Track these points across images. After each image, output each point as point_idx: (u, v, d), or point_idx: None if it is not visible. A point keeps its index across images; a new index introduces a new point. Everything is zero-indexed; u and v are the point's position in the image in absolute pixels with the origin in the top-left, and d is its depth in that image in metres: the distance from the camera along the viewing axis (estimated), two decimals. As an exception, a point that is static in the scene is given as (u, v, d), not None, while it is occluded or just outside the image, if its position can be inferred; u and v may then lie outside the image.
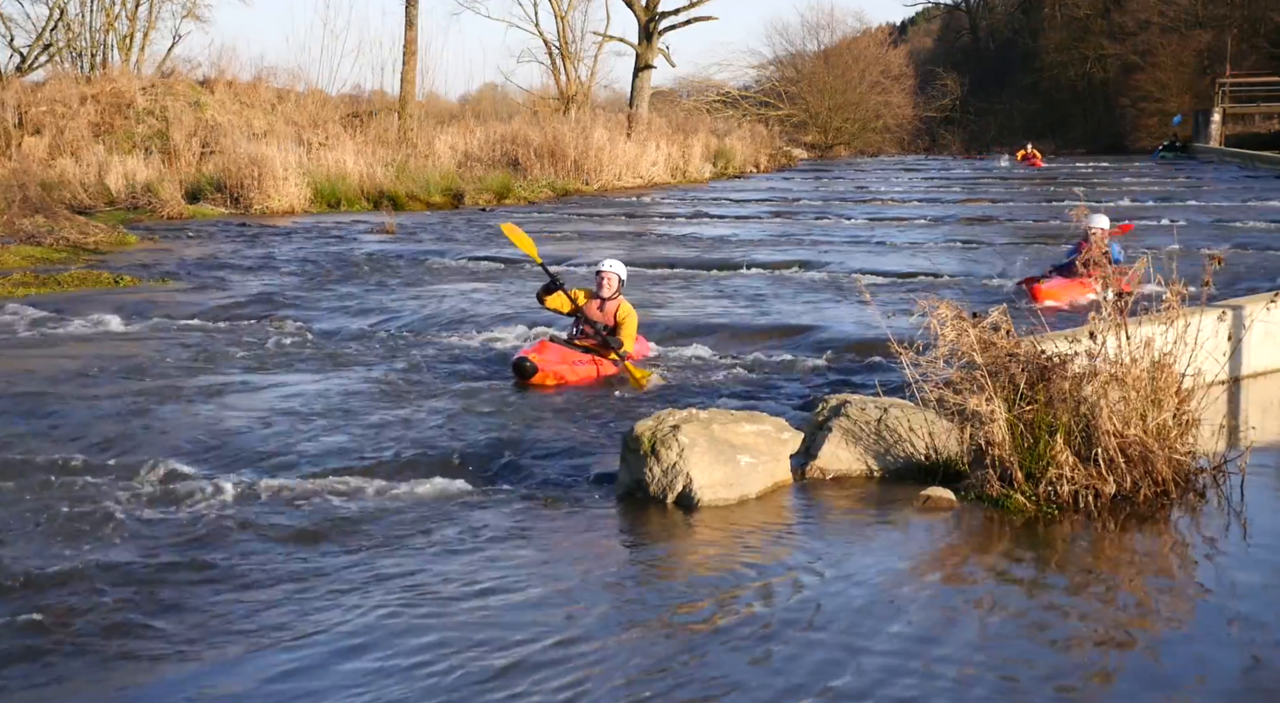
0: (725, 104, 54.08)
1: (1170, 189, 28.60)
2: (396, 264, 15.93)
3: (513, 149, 30.78)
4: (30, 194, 18.66)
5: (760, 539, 5.20)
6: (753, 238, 19.24)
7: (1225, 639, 4.15)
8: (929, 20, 75.93)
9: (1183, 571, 4.92)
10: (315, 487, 5.93)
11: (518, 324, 10.87)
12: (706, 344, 9.85)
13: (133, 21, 34.43)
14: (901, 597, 4.52)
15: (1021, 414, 5.60)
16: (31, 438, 6.94)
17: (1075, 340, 5.97)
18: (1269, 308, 8.23)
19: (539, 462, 6.43)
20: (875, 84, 60.51)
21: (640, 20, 39.11)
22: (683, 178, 35.25)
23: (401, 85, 31.09)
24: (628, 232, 20.75)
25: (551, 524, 5.42)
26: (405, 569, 4.83)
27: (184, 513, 5.55)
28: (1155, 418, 5.58)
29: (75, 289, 13.50)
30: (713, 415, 5.88)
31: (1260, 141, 43.41)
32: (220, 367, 9.15)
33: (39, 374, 8.78)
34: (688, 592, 4.59)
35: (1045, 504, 5.43)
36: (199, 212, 23.06)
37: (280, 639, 4.17)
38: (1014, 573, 4.84)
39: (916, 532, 5.28)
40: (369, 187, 25.52)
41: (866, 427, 6.10)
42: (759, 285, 13.53)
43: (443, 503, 5.72)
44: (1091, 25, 56.79)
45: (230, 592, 4.59)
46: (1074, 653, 4.05)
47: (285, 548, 5.09)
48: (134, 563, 4.86)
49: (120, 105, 28.40)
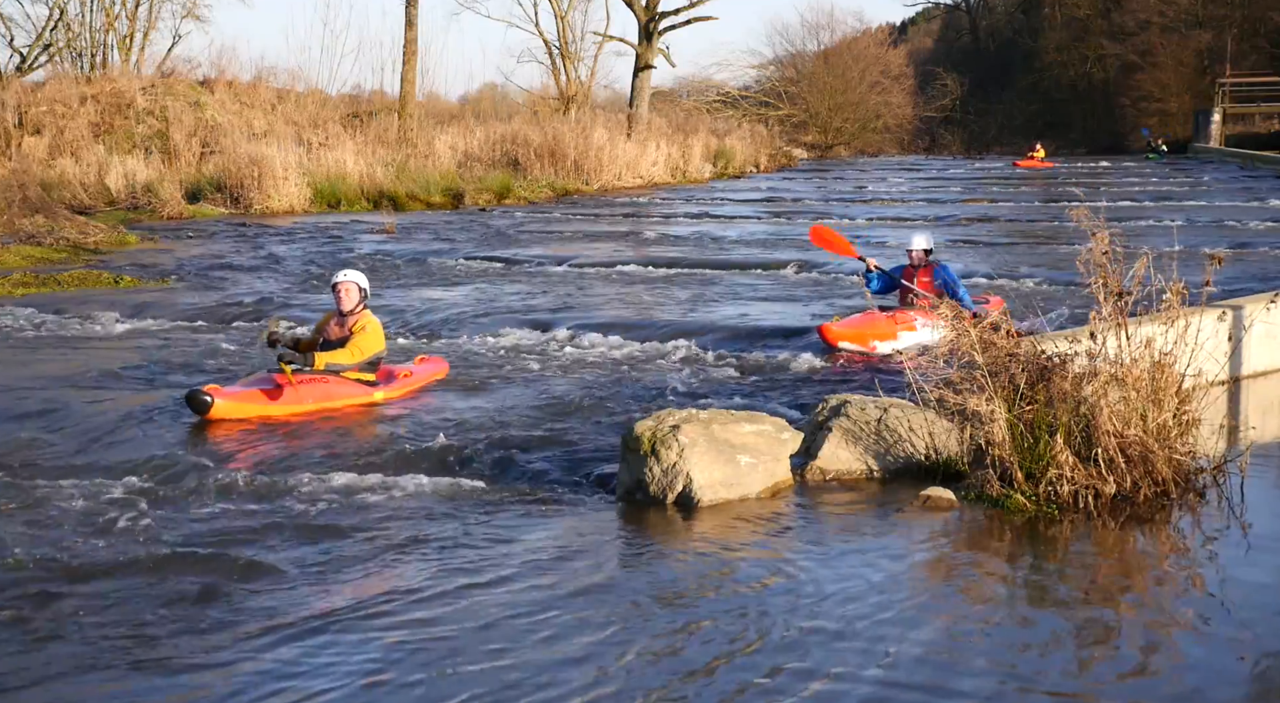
0: (725, 104, 54.05)
1: (1170, 189, 28.60)
2: (396, 264, 15.94)
3: (513, 149, 30.78)
4: (30, 194, 18.68)
5: (760, 539, 5.20)
6: (753, 238, 19.25)
7: (1225, 639, 4.14)
8: (929, 20, 75.88)
9: (1182, 571, 4.92)
10: (315, 486, 5.93)
11: (518, 324, 10.87)
12: (706, 344, 9.85)
13: (133, 21, 34.43)
14: (901, 597, 4.51)
15: (1021, 414, 5.60)
16: (31, 438, 6.93)
17: (1075, 340, 5.97)
18: (1269, 308, 8.23)
19: (539, 462, 6.43)
20: (875, 84, 60.48)
21: (640, 20, 39.09)
22: (683, 178, 35.25)
23: (401, 85, 31.09)
24: (627, 232, 20.75)
25: (551, 524, 5.41)
26: (404, 569, 4.84)
27: (184, 512, 5.55)
28: (1155, 418, 5.58)
29: (75, 289, 13.50)
30: (713, 415, 5.87)
31: (1260, 142, 43.43)
32: (220, 367, 9.14)
33: (39, 374, 8.78)
34: (687, 591, 4.59)
35: (1045, 504, 5.43)
36: (199, 211, 23.06)
37: (280, 638, 4.17)
38: (1014, 573, 4.84)
39: (916, 532, 5.28)
40: (369, 187, 25.52)
41: (866, 427, 6.10)
42: (759, 285, 13.53)
43: (442, 502, 5.71)
44: (1091, 25, 56.74)
45: (230, 591, 4.59)
46: (1074, 653, 4.05)
47: (285, 547, 5.08)
48: (134, 562, 4.86)
49: (120, 105, 28.39)
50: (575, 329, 10.65)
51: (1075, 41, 57.57)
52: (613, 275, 14.70)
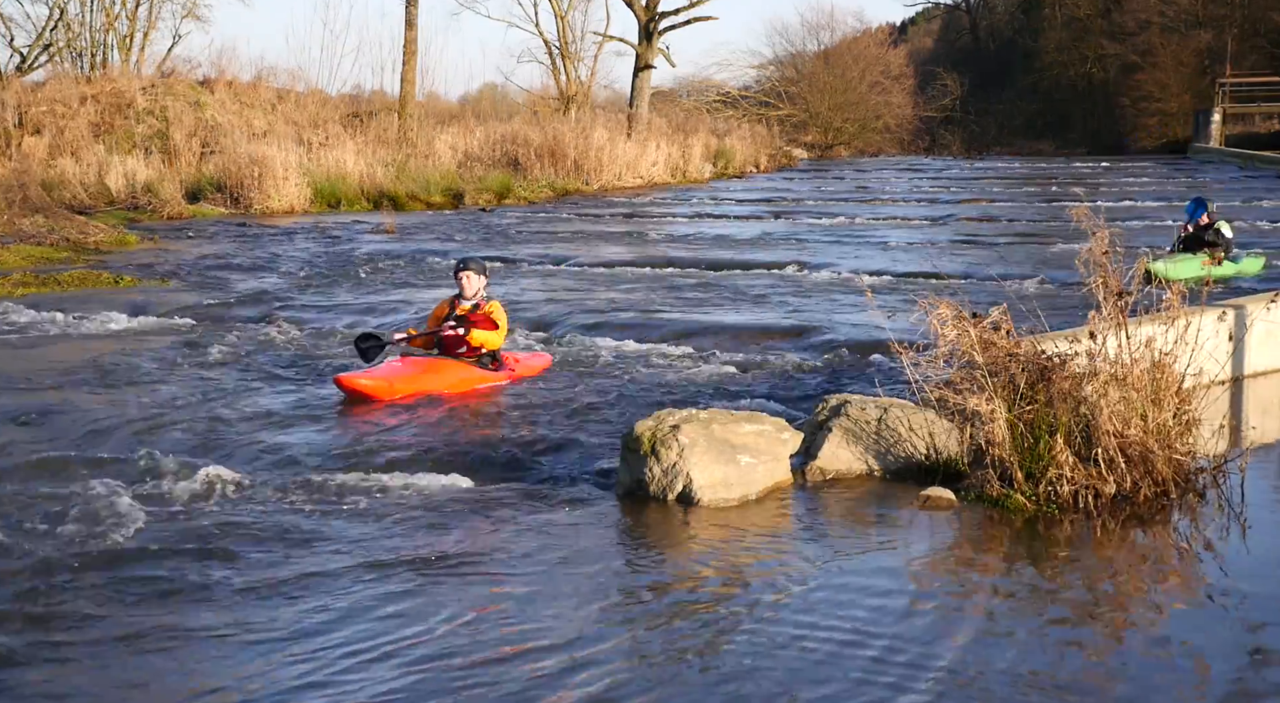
0: (725, 104, 54.03)
1: (1170, 189, 28.60)
2: (396, 264, 15.94)
3: (513, 149, 30.79)
4: (30, 194, 18.68)
5: (760, 539, 5.20)
6: (753, 238, 19.25)
7: (1225, 639, 4.15)
8: (929, 20, 75.88)
9: (1183, 571, 4.92)
10: (316, 484, 5.93)
11: (518, 324, 10.87)
12: (706, 344, 9.85)
13: (133, 21, 34.42)
14: (902, 597, 4.52)
15: (1021, 414, 5.60)
16: (31, 437, 6.94)
17: (1075, 340, 5.97)
18: (1269, 308, 8.24)
19: (539, 461, 6.43)
20: (875, 84, 60.46)
21: (640, 20, 39.10)
22: (683, 178, 35.25)
23: (401, 85, 31.09)
24: (628, 232, 20.75)
25: (551, 524, 5.41)
26: (404, 568, 4.83)
27: (184, 512, 5.55)
28: (1155, 418, 5.58)
29: (75, 289, 13.51)
30: (713, 415, 5.87)
31: (1260, 142, 43.43)
32: (220, 367, 9.15)
33: (39, 374, 8.78)
34: (687, 591, 4.59)
35: (1045, 504, 5.43)
36: (199, 211, 23.07)
37: (281, 636, 4.17)
38: (1014, 573, 4.84)
39: (916, 532, 5.28)
40: (369, 187, 25.53)
41: (866, 427, 6.10)
42: (759, 285, 13.52)
43: (442, 502, 5.71)
44: (1091, 25, 56.74)
45: (230, 589, 4.59)
46: (1074, 653, 4.05)
47: (285, 545, 5.08)
48: (134, 562, 4.86)
49: (120, 105, 28.39)
50: (575, 329, 10.66)
51: (1075, 41, 57.57)
52: (613, 275, 14.70)
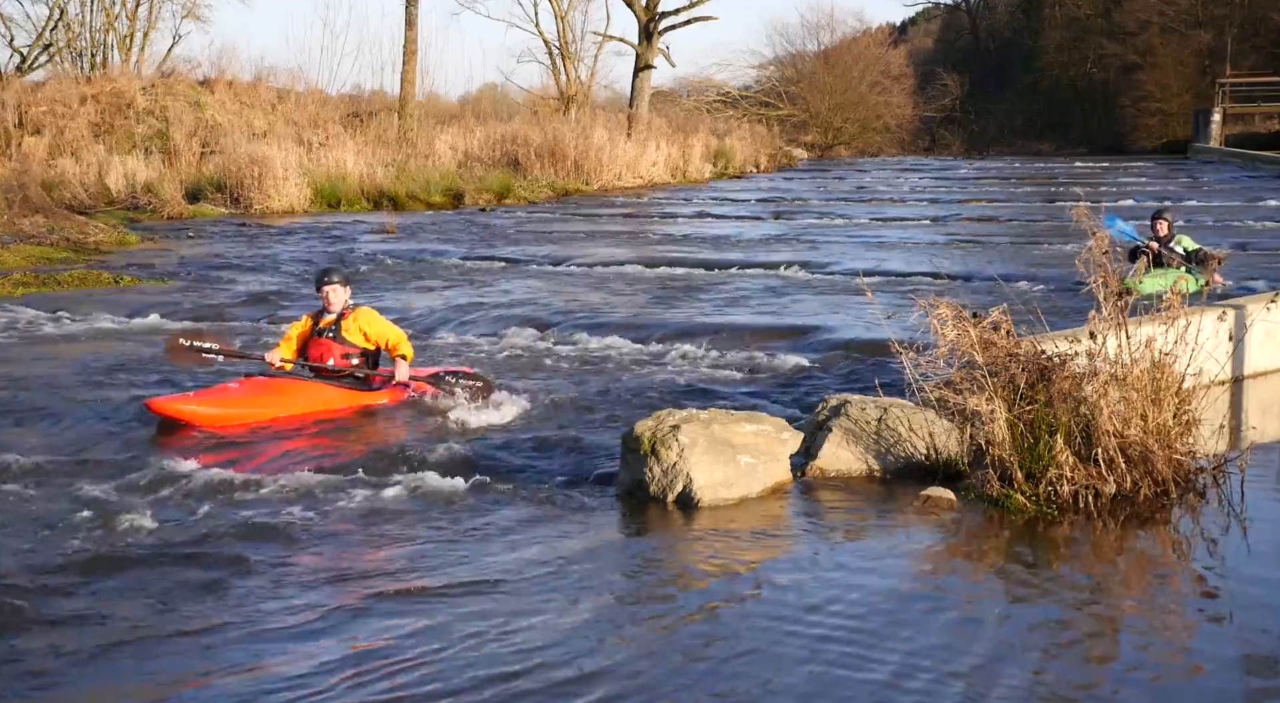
0: (725, 104, 53.99)
1: (1170, 189, 28.59)
2: (396, 264, 15.94)
3: (513, 149, 30.78)
4: (30, 194, 18.68)
5: (760, 539, 5.20)
6: (753, 238, 19.25)
7: (1225, 640, 4.15)
8: (929, 20, 75.83)
9: (1182, 571, 4.92)
10: (316, 485, 5.93)
11: (518, 324, 10.87)
12: (706, 344, 9.85)
13: (133, 21, 34.42)
14: (901, 597, 4.52)
15: (1021, 414, 5.60)
16: (31, 438, 6.94)
17: (1075, 340, 5.97)
18: (1269, 308, 8.24)
19: (539, 461, 6.43)
20: (875, 84, 60.44)
21: (640, 20, 39.09)
22: (683, 178, 35.24)
23: (401, 85, 31.08)
24: (628, 231, 20.75)
25: (551, 524, 5.41)
26: (401, 568, 4.84)
27: (184, 512, 5.55)
28: (1155, 418, 5.57)
29: (75, 289, 13.50)
30: (713, 415, 5.87)
31: (1260, 142, 43.40)
32: (220, 366, 9.13)
33: (39, 374, 8.78)
34: (687, 591, 4.59)
35: (1045, 504, 5.43)
36: (199, 211, 23.06)
37: (281, 635, 4.17)
38: (1014, 573, 4.84)
39: (916, 532, 5.27)
40: (369, 187, 25.51)
41: (866, 427, 6.09)
42: (759, 285, 13.52)
43: (442, 502, 5.71)
44: (1091, 25, 56.72)
45: (229, 589, 4.59)
46: (1074, 653, 4.05)
47: (286, 545, 5.08)
48: (133, 562, 4.86)
49: (120, 105, 28.38)
50: (575, 329, 10.65)
51: (1075, 41, 57.55)
52: (613, 275, 14.69)
